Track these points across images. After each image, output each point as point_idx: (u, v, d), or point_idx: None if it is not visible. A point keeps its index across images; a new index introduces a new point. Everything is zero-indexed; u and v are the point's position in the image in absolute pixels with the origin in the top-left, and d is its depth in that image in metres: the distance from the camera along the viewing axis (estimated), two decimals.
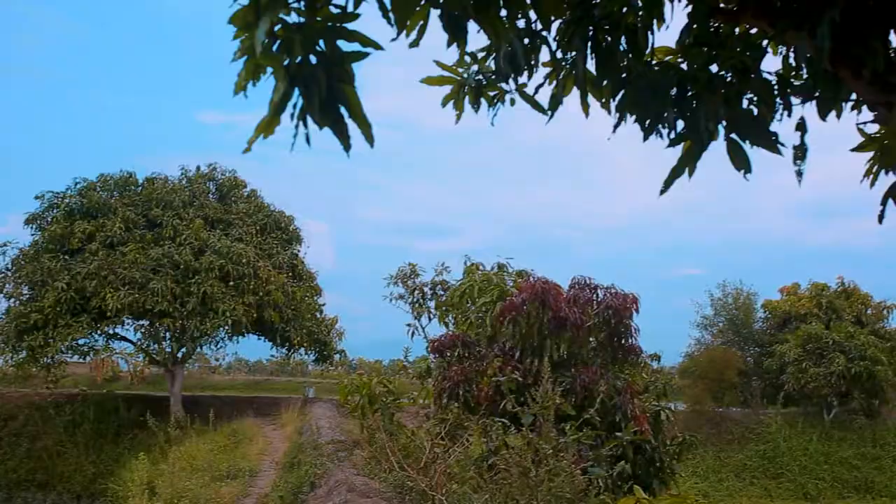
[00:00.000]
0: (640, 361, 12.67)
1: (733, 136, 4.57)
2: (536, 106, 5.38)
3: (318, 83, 3.66)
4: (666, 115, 4.69)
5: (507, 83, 5.32)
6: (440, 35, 4.13)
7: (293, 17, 3.56)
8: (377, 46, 3.76)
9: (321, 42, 3.63)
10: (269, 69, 3.64)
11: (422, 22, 4.11)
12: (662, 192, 4.66)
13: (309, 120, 3.59)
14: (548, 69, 5.09)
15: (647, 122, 4.82)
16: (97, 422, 32.56)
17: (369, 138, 3.78)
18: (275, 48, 3.59)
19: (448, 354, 12.71)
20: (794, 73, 4.84)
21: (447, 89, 5.51)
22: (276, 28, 3.51)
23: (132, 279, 28.08)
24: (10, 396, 35.96)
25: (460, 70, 5.56)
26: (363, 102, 3.69)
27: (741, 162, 4.56)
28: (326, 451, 16.69)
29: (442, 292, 19.24)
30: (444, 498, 9.47)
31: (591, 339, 12.12)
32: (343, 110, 3.73)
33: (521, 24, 4.60)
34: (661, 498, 8.15)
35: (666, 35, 4.69)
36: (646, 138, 4.83)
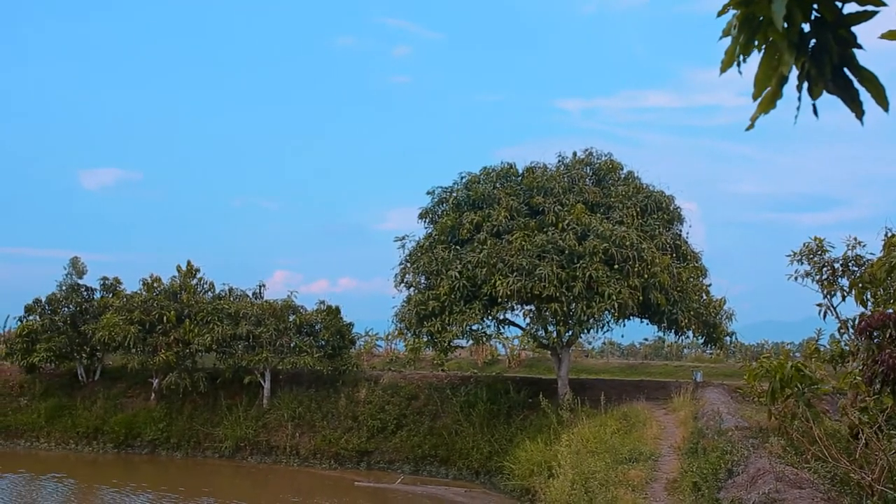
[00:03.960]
0: None
1: None
2: None
3: (830, 50, 3.47)
4: None
5: None
6: None
7: None
8: (879, 2, 3.47)
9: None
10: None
11: None
12: None
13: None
14: None
15: None
16: (489, 402, 34.14)
17: (883, 103, 3.52)
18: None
19: (878, 336, 11.63)
20: None
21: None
22: None
23: (519, 265, 29.05)
24: (410, 377, 39.25)
25: None
26: None
27: None
28: (734, 437, 16.15)
29: (855, 268, 17.70)
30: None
31: None
32: (850, 75, 3.53)
33: None
34: None
35: None
36: None
